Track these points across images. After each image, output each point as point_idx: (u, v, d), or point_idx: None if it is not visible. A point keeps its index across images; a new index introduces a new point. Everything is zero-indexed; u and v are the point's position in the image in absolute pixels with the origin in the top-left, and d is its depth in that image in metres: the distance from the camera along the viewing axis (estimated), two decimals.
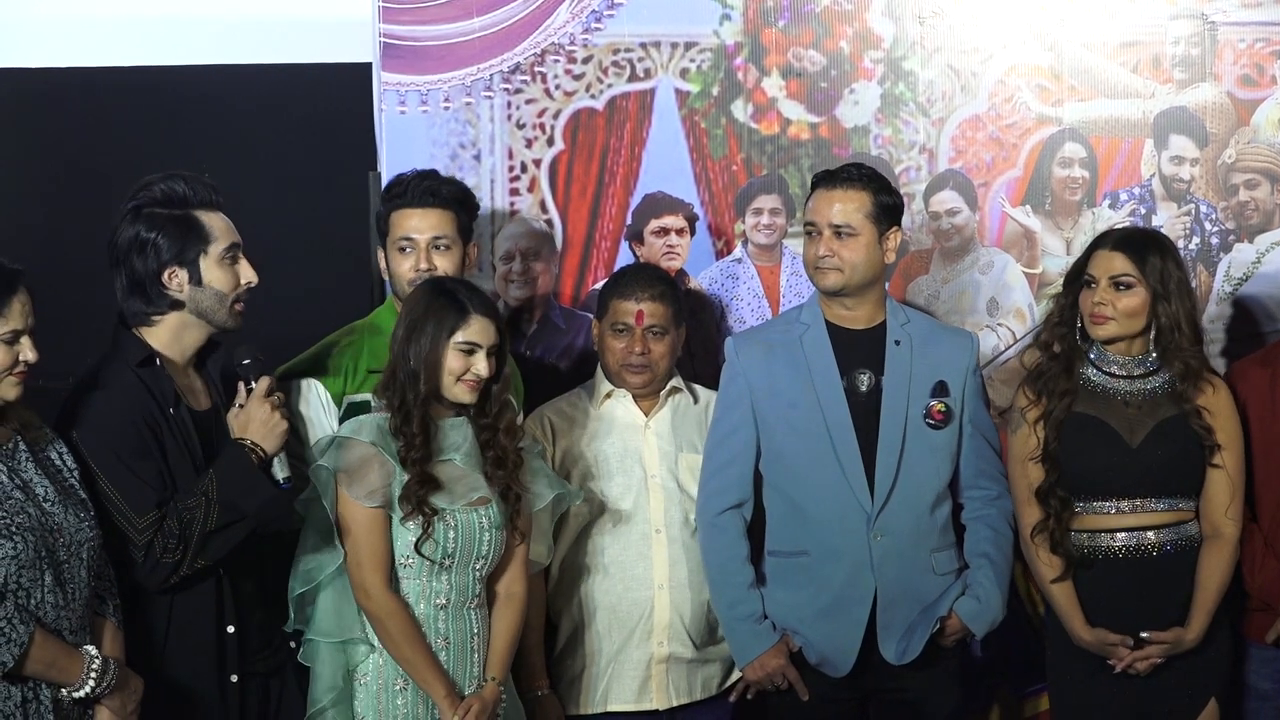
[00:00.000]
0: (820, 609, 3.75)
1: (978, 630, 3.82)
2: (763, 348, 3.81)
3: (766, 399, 3.78)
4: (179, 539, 3.21)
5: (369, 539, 3.40)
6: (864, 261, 3.74)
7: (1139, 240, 3.78)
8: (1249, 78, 4.39)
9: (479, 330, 3.43)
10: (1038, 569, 3.77)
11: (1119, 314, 3.72)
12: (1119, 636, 3.72)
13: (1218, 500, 3.76)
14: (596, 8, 4.21)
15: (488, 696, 3.48)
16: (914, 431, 3.75)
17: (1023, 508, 3.78)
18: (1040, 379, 3.77)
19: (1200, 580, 3.75)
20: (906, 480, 3.74)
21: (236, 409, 3.34)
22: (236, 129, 4.47)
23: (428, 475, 3.40)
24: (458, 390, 3.43)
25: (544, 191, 4.24)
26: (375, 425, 3.43)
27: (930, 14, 4.31)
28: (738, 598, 3.78)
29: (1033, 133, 4.35)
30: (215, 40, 4.51)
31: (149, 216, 3.34)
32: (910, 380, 3.77)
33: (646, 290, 3.85)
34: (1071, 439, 3.74)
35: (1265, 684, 3.89)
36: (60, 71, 4.48)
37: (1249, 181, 4.40)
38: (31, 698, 3.03)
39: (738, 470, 3.80)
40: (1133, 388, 3.77)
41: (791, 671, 3.77)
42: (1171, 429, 3.74)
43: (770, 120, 4.29)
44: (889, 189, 3.80)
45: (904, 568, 3.75)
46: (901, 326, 3.81)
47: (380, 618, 3.41)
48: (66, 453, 3.20)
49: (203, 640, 3.33)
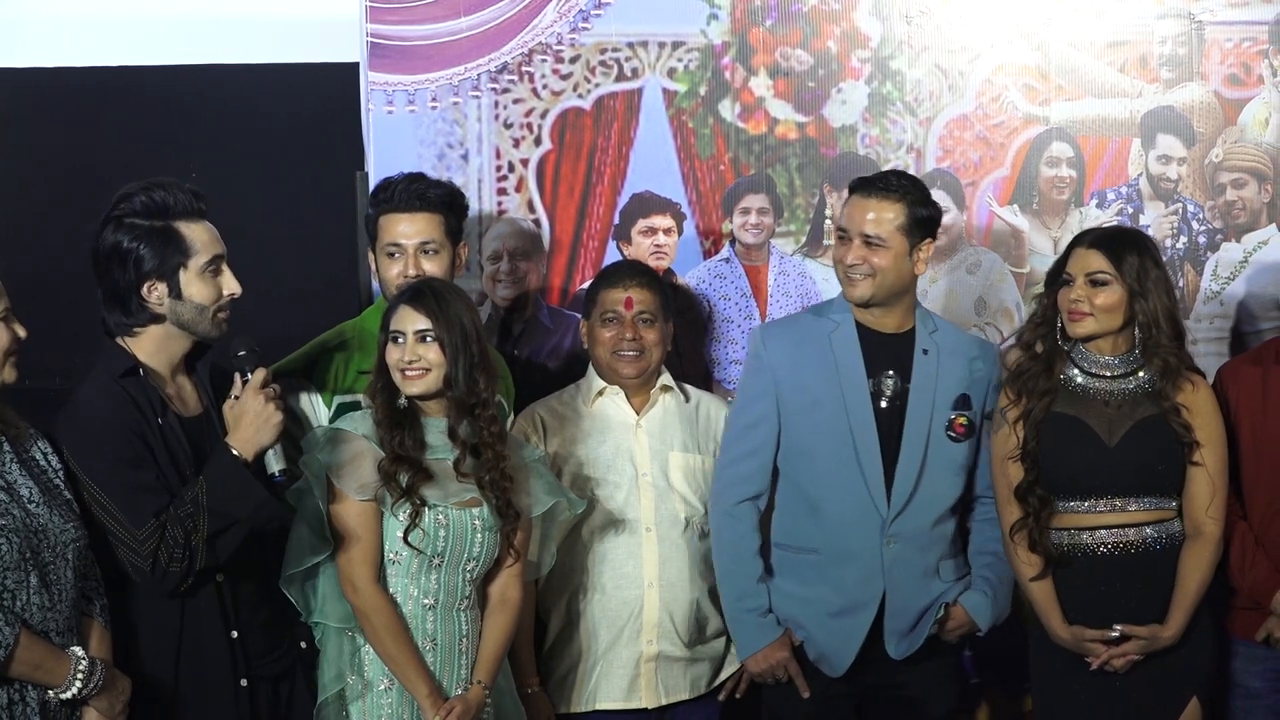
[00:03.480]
0: (826, 608, 3.75)
1: (982, 623, 3.83)
2: (791, 342, 3.80)
3: (792, 393, 3.77)
4: (184, 546, 3.19)
5: (359, 532, 3.40)
6: (893, 271, 3.71)
7: (1116, 238, 3.77)
8: (1236, 77, 4.40)
9: (401, 317, 3.42)
10: (1017, 567, 3.77)
11: (1096, 310, 3.71)
12: (1095, 632, 3.72)
13: (1198, 499, 3.76)
14: (584, 7, 4.21)
15: (471, 699, 3.47)
16: (935, 442, 3.76)
17: (1003, 507, 3.78)
18: (1020, 378, 3.77)
19: (1180, 578, 3.74)
20: (925, 490, 3.74)
21: (232, 400, 3.31)
22: (224, 128, 4.46)
23: (418, 463, 3.40)
24: (404, 382, 3.42)
25: (531, 191, 4.24)
26: (368, 419, 3.44)
27: (917, 13, 4.32)
28: (747, 590, 3.78)
29: (1020, 132, 4.36)
30: (202, 40, 4.51)
31: (130, 227, 3.30)
32: (935, 391, 3.76)
33: (634, 279, 3.87)
34: (1050, 438, 3.74)
35: (1255, 682, 3.89)
36: (46, 72, 4.48)
37: (1236, 181, 4.41)
38: (18, 699, 3.02)
39: (759, 462, 3.79)
40: (1113, 387, 3.77)
41: (794, 666, 3.77)
42: (1150, 428, 3.74)
43: (758, 120, 4.30)
44: (926, 200, 3.76)
45: (913, 574, 3.76)
46: (930, 335, 3.79)
47: (366, 613, 3.41)
48: (50, 452, 3.19)
49: (207, 646, 3.31)
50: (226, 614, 3.33)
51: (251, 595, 3.39)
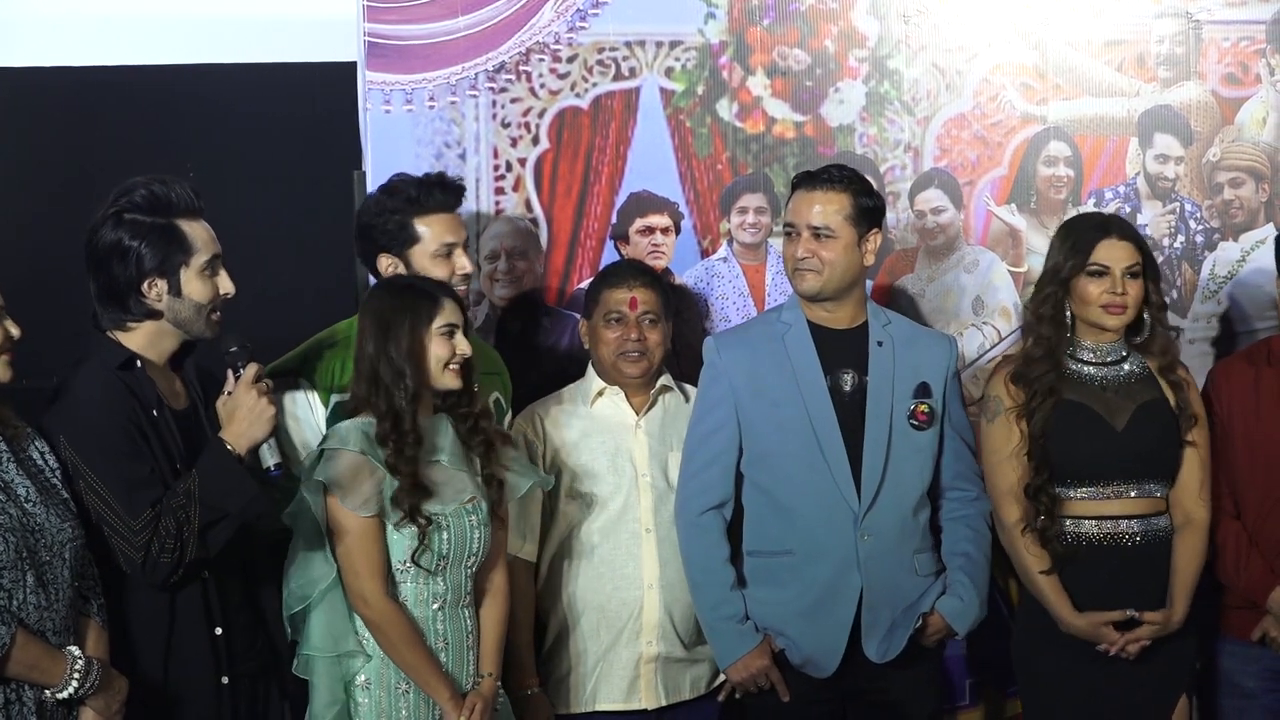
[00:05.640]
0: (804, 608, 3.75)
1: (959, 629, 3.83)
2: (745, 347, 3.81)
3: (750, 398, 3.77)
4: (175, 537, 3.19)
5: (365, 547, 3.39)
6: (842, 263, 3.73)
7: (1130, 227, 3.85)
8: (1233, 76, 4.40)
9: (452, 311, 3.45)
10: (1025, 562, 3.76)
11: (1131, 303, 3.75)
12: (1113, 615, 3.71)
13: (1190, 483, 3.79)
14: (581, 6, 4.21)
15: (486, 692, 3.50)
16: (899, 432, 3.75)
17: (1003, 499, 3.78)
18: (1028, 373, 3.77)
19: (1178, 564, 3.77)
20: (893, 480, 3.74)
21: (225, 396, 3.31)
22: (221, 128, 4.46)
23: (419, 482, 3.40)
24: (447, 377, 3.43)
25: (529, 191, 4.24)
26: (360, 432, 3.41)
27: (915, 12, 4.31)
28: (721, 598, 3.77)
29: (1018, 131, 4.36)
30: (199, 39, 4.51)
31: (132, 224, 3.30)
32: (894, 380, 3.77)
33: (638, 279, 3.88)
34: (1057, 426, 3.74)
35: (1249, 682, 3.89)
36: (43, 71, 4.47)
37: (1233, 180, 4.42)
38: (14, 699, 3.02)
39: (720, 470, 3.79)
40: (1106, 374, 3.79)
41: (774, 672, 3.77)
42: (1153, 410, 3.77)
43: (755, 119, 4.29)
44: (869, 191, 3.80)
45: (889, 568, 3.75)
46: (883, 328, 3.81)
47: (380, 625, 3.40)
48: (48, 451, 3.19)
49: (194, 642, 3.32)
50: (211, 611, 3.33)
51: (235, 593, 3.39)
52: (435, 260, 3.69)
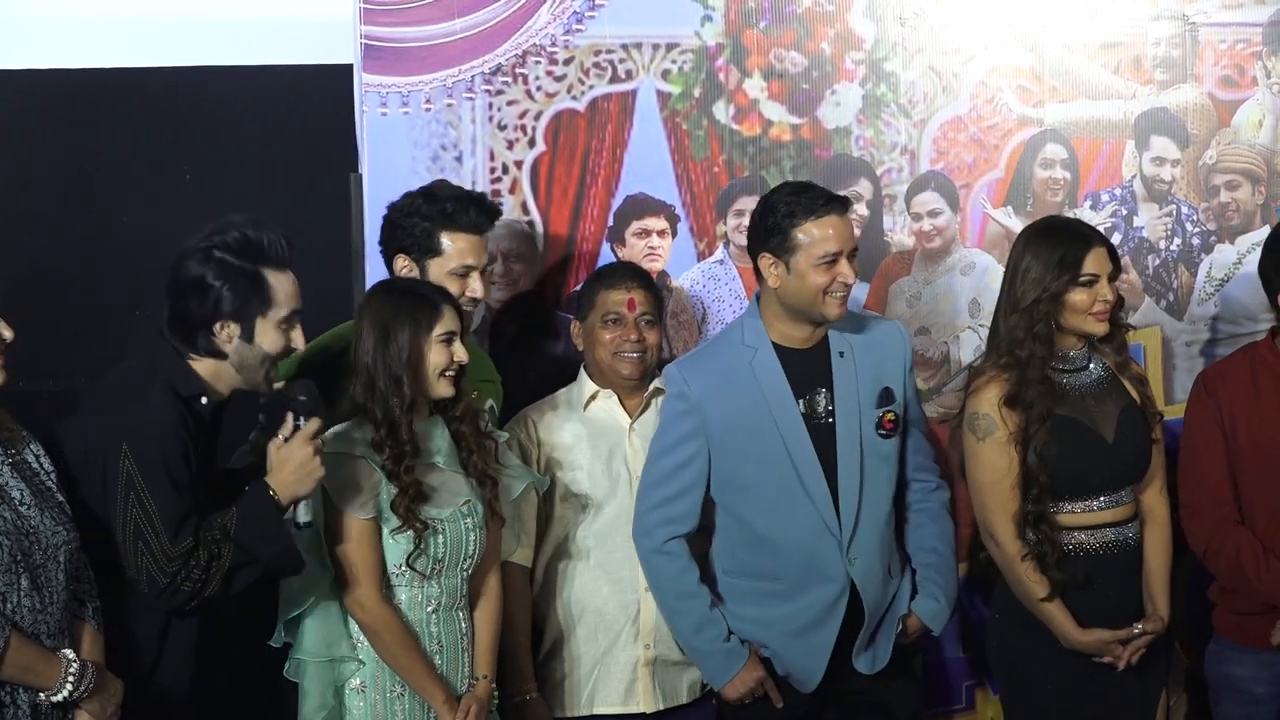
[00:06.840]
0: (793, 630, 3.75)
1: (936, 629, 3.86)
2: (715, 377, 3.74)
3: (724, 431, 3.72)
4: (204, 570, 3.18)
5: (361, 550, 3.40)
6: None
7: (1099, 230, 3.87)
8: (1230, 79, 4.40)
9: (452, 318, 3.46)
10: (1028, 590, 3.72)
11: (1110, 309, 3.75)
12: (1121, 633, 3.72)
13: (1155, 480, 3.81)
14: (578, 9, 4.21)
15: (481, 695, 3.52)
16: (869, 446, 3.74)
17: (1001, 528, 3.73)
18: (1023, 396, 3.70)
19: (1153, 563, 3.80)
20: (869, 499, 3.73)
21: (280, 440, 3.27)
22: (218, 130, 4.46)
23: (416, 488, 3.40)
24: (441, 385, 3.43)
25: (525, 193, 4.24)
26: (357, 435, 3.42)
27: (911, 15, 4.31)
28: (702, 620, 3.75)
29: (1014, 134, 4.36)
30: (196, 42, 4.50)
31: (220, 263, 3.27)
32: (859, 393, 3.74)
33: (635, 280, 3.89)
34: (1054, 442, 3.72)
35: (1260, 689, 3.86)
36: (41, 73, 4.47)
37: (1230, 183, 4.42)
38: (9, 702, 3.02)
39: (689, 502, 3.75)
40: (1080, 380, 3.79)
41: (769, 681, 3.77)
42: (1132, 415, 3.78)
43: (752, 122, 4.29)
44: None
45: (877, 581, 3.76)
46: (841, 335, 3.76)
47: (376, 629, 3.41)
48: (43, 455, 3.19)
49: (189, 646, 3.32)
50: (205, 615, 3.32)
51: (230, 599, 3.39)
52: (451, 278, 3.68)
